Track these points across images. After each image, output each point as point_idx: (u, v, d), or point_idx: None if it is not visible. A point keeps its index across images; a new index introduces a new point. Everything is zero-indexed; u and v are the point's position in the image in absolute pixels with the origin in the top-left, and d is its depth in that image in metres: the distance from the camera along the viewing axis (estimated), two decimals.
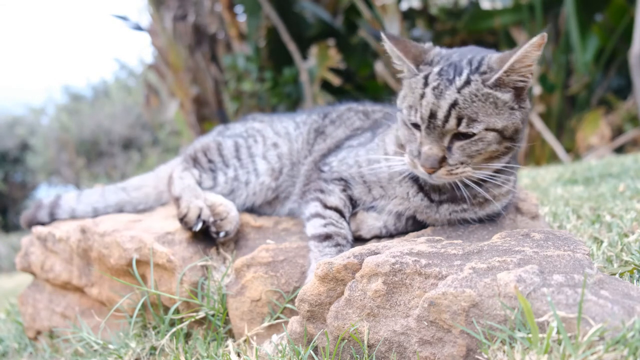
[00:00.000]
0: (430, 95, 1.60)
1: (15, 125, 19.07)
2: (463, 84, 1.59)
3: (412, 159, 1.67)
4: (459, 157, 1.62)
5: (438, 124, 1.59)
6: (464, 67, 1.63)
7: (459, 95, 1.57)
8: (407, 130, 1.71)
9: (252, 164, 2.27)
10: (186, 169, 2.29)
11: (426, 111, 1.60)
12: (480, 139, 1.60)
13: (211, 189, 2.24)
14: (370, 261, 1.42)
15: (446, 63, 1.67)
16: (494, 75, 1.59)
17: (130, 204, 2.47)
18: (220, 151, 2.32)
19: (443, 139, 1.61)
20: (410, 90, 1.68)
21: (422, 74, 1.67)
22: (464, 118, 1.57)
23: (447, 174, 1.63)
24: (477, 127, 1.58)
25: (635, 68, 6.09)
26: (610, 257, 1.83)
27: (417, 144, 1.66)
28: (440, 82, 1.61)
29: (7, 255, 10.80)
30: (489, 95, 1.58)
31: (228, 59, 8.79)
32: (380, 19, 7.54)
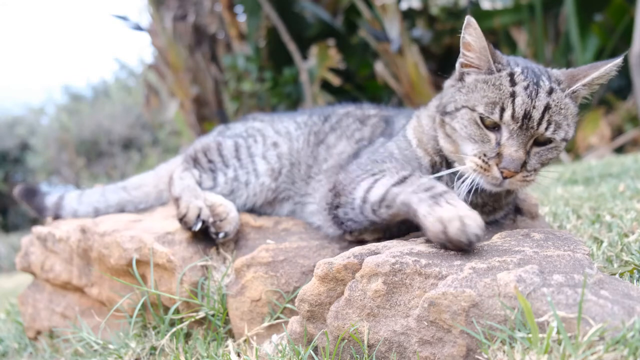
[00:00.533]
0: (524, 95, 1.55)
1: (15, 125, 19.08)
2: (549, 90, 1.58)
3: (486, 160, 1.58)
4: (534, 164, 1.60)
5: (532, 126, 1.55)
6: (540, 74, 1.62)
7: (550, 100, 1.56)
8: (476, 130, 1.61)
9: (251, 164, 2.26)
10: (186, 169, 2.29)
11: (521, 110, 1.54)
12: (556, 146, 1.61)
13: (211, 189, 2.24)
14: (370, 261, 1.42)
15: (522, 66, 1.64)
16: (571, 86, 1.61)
17: (131, 203, 2.48)
18: (220, 151, 2.32)
19: (528, 142, 1.58)
20: (491, 87, 1.60)
21: (504, 71, 1.62)
22: (552, 123, 1.56)
23: (521, 180, 1.59)
24: (560, 134, 1.58)
25: (635, 68, 6.10)
26: (610, 257, 1.83)
27: (492, 146, 1.58)
28: (529, 82, 1.58)
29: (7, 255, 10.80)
30: (567, 105, 1.60)
31: (228, 59, 8.79)
32: (380, 19, 7.54)
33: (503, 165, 1.55)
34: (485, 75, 1.64)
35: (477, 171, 1.60)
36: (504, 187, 1.62)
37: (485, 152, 1.59)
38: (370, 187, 1.69)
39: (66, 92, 21.31)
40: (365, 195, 1.69)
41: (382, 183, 1.66)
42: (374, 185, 1.68)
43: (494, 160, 1.57)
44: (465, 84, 1.68)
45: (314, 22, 8.59)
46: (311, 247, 1.91)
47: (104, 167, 17.23)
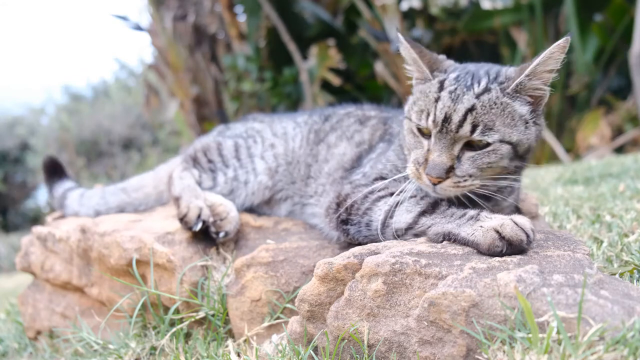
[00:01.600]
0: (447, 98, 1.55)
1: (15, 125, 19.07)
2: (482, 91, 1.55)
3: (417, 167, 1.59)
4: (467, 169, 1.55)
5: (451, 129, 1.52)
6: (482, 76, 1.60)
7: (477, 101, 1.52)
8: (413, 138, 1.65)
9: (251, 164, 2.27)
10: (186, 169, 2.29)
11: (440, 114, 1.54)
12: (494, 150, 1.54)
13: (211, 189, 2.24)
14: (370, 261, 1.42)
15: (463, 71, 1.64)
16: (514, 80, 1.55)
17: (131, 205, 2.48)
18: (220, 151, 2.32)
19: (454, 146, 1.55)
20: (423, 95, 1.63)
21: (437, 79, 1.63)
22: (479, 125, 1.51)
23: (453, 186, 1.55)
24: (493, 136, 1.52)
25: (635, 68, 6.10)
26: (610, 257, 1.83)
27: (423, 152, 1.59)
28: (458, 86, 1.57)
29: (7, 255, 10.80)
30: (507, 105, 1.54)
31: (228, 59, 8.79)
32: (380, 19, 7.54)
33: (427, 171, 1.55)
34: (422, 85, 1.68)
35: (414, 177, 1.62)
36: (440, 194, 1.59)
37: (417, 159, 1.60)
38: (391, 211, 1.66)
39: (66, 92, 21.32)
40: (387, 221, 1.66)
41: (406, 209, 1.64)
42: (395, 210, 1.65)
43: (422, 167, 1.57)
44: (413, 95, 1.72)
45: (314, 22, 8.59)
46: (311, 247, 1.91)
47: (104, 167, 17.23)
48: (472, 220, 1.49)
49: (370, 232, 1.71)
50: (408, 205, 1.64)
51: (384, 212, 1.67)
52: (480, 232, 1.43)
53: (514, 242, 1.39)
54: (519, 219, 1.42)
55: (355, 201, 1.76)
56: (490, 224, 1.43)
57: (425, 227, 1.57)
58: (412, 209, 1.62)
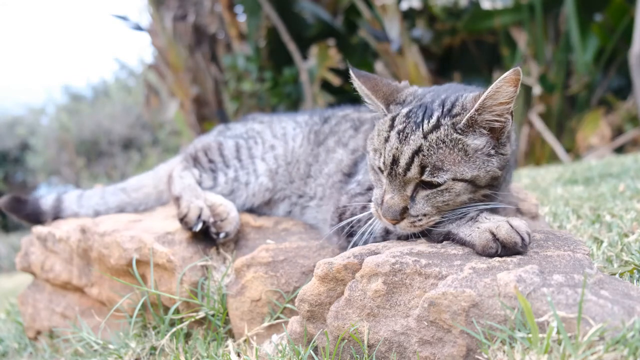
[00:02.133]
0: (395, 140, 1.49)
1: (15, 125, 19.07)
2: (431, 129, 1.47)
3: (377, 208, 1.54)
4: (421, 208, 1.48)
5: (399, 172, 1.47)
6: (434, 110, 1.51)
7: (424, 141, 1.45)
8: (374, 175, 1.60)
9: (252, 165, 2.27)
10: (186, 168, 2.29)
11: (389, 156, 1.48)
12: (447, 189, 1.46)
13: (211, 189, 2.24)
14: (370, 261, 1.42)
15: (417, 104, 1.55)
16: (465, 115, 1.45)
17: (130, 205, 2.47)
18: (221, 151, 2.32)
19: (406, 187, 1.49)
20: (377, 133, 1.57)
21: (390, 115, 1.57)
22: (427, 166, 1.44)
23: (410, 226, 1.50)
24: (443, 176, 1.44)
25: (635, 68, 6.10)
26: (610, 257, 1.83)
27: (381, 191, 1.54)
28: (407, 125, 1.49)
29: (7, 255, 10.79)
30: (458, 141, 1.45)
31: (228, 59, 8.79)
32: (380, 19, 7.54)
33: (382, 212, 1.50)
34: (379, 121, 1.62)
35: (376, 217, 1.57)
36: (402, 232, 1.56)
37: (377, 199, 1.55)
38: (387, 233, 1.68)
39: (66, 92, 21.31)
40: (389, 229, 1.66)
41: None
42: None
43: (380, 207, 1.52)
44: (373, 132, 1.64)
45: (314, 22, 8.59)
46: (311, 247, 1.92)
47: (104, 167, 17.23)
48: (472, 221, 1.49)
49: (375, 239, 1.70)
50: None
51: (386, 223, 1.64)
52: (477, 232, 1.43)
53: (508, 245, 1.38)
54: (516, 222, 1.41)
55: (353, 213, 1.75)
56: (486, 226, 1.42)
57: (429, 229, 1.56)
58: None
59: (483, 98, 1.42)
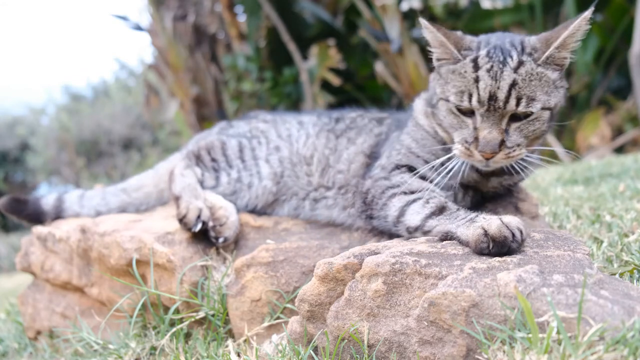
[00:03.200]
0: (487, 77, 1.60)
1: (15, 125, 19.07)
2: (517, 65, 1.60)
3: (467, 146, 1.66)
4: (516, 139, 1.63)
5: (499, 106, 1.59)
6: (510, 49, 1.64)
7: (516, 76, 1.59)
8: (455, 118, 1.70)
9: (255, 167, 2.25)
10: (188, 166, 2.27)
11: (485, 93, 1.59)
12: (537, 118, 1.63)
13: (213, 189, 2.23)
14: (370, 261, 1.42)
15: (490, 46, 1.68)
16: (544, 52, 1.62)
17: (132, 205, 2.46)
18: (224, 151, 2.30)
19: (501, 121, 1.62)
20: (457, 76, 1.67)
21: (468, 58, 1.67)
22: (522, 98, 1.59)
23: (505, 157, 1.64)
24: (536, 105, 1.60)
25: (635, 68, 6.09)
26: (610, 257, 1.83)
27: (470, 131, 1.66)
28: (493, 64, 1.61)
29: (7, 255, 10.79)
30: (542, 74, 1.62)
31: (228, 59, 8.79)
32: (380, 19, 7.54)
33: (480, 148, 1.62)
34: (452, 65, 1.71)
35: (463, 156, 1.69)
36: (492, 166, 1.69)
37: (466, 138, 1.67)
38: (404, 210, 1.75)
39: (66, 92, 21.30)
40: (399, 218, 1.75)
41: (416, 210, 1.72)
42: (407, 209, 1.74)
43: (474, 145, 1.64)
44: (441, 76, 1.76)
45: (314, 22, 8.59)
46: (311, 247, 1.91)
47: (104, 167, 17.23)
48: (470, 221, 1.54)
49: (388, 224, 1.81)
50: (417, 207, 1.72)
51: (397, 209, 1.76)
52: (471, 230, 1.49)
53: (497, 239, 1.42)
54: (507, 218, 1.47)
55: (374, 196, 1.86)
56: (479, 223, 1.48)
57: (432, 228, 1.65)
58: (421, 211, 1.70)
59: (565, 36, 1.61)
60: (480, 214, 1.58)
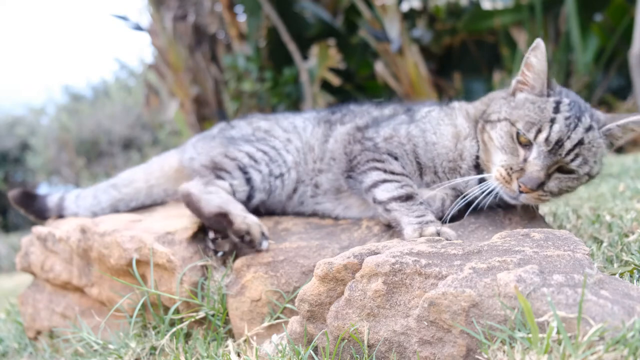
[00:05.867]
0: (563, 124, 1.67)
1: (15, 125, 19.06)
2: (588, 127, 1.70)
3: (510, 173, 1.72)
4: (552, 187, 1.72)
5: (561, 153, 1.67)
6: (584, 111, 1.74)
7: (585, 136, 1.68)
8: (510, 143, 1.75)
9: (280, 157, 2.21)
10: (209, 182, 2.09)
11: (555, 136, 1.66)
12: (578, 178, 1.73)
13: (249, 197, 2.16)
14: (370, 261, 1.42)
15: (571, 99, 1.76)
16: (606, 125, 1.72)
17: (122, 202, 2.43)
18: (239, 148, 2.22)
19: (551, 167, 1.69)
20: (535, 107, 1.73)
21: (552, 98, 1.75)
22: (580, 157, 1.68)
23: (535, 198, 1.72)
24: (585, 169, 1.71)
25: (635, 68, 6.09)
26: (610, 257, 1.83)
27: (519, 160, 1.72)
28: (572, 115, 1.70)
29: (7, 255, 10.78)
30: (599, 145, 1.72)
31: (228, 59, 8.78)
32: (380, 19, 7.54)
33: (522, 180, 1.68)
34: (535, 97, 1.77)
35: (499, 180, 1.75)
36: (520, 201, 1.75)
37: (511, 166, 1.72)
38: (377, 184, 1.91)
39: (66, 92, 21.30)
40: (371, 188, 1.92)
41: (387, 188, 1.88)
42: (380, 185, 1.91)
43: (517, 174, 1.70)
44: (515, 99, 1.81)
45: (314, 22, 8.59)
46: (311, 247, 1.91)
47: (104, 167, 17.21)
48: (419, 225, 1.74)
49: (360, 188, 1.98)
50: (390, 186, 1.88)
51: (372, 180, 1.92)
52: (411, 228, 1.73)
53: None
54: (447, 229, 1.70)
55: (359, 162, 2.00)
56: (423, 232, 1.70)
57: (391, 209, 1.84)
58: (391, 191, 1.87)
59: (629, 120, 1.71)
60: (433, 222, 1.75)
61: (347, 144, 2.11)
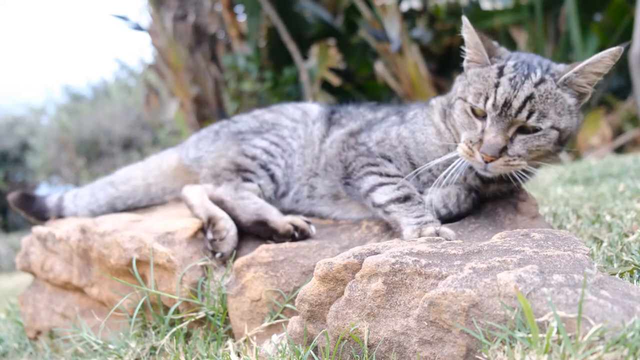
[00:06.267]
0: (507, 85, 1.68)
1: (15, 125, 19.06)
2: (539, 81, 1.68)
3: (470, 146, 1.73)
4: (518, 150, 1.70)
5: (510, 113, 1.66)
6: (536, 67, 1.73)
7: (535, 90, 1.66)
8: (467, 119, 1.77)
9: (289, 146, 2.24)
10: (237, 187, 2.11)
11: (501, 99, 1.67)
12: (544, 134, 1.70)
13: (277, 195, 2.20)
14: (370, 261, 1.42)
15: (519, 60, 1.77)
16: (563, 75, 1.69)
17: (119, 199, 2.42)
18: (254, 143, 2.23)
19: (509, 129, 1.69)
20: (480, 79, 1.75)
21: (495, 64, 1.76)
22: (535, 112, 1.66)
23: (503, 164, 1.70)
24: (546, 123, 1.67)
25: (635, 68, 6.09)
26: (610, 257, 1.83)
27: (477, 132, 1.73)
28: (517, 74, 1.70)
29: (7, 255, 10.78)
30: (558, 96, 1.69)
31: (228, 59, 8.79)
32: (380, 19, 7.54)
33: (482, 149, 1.69)
34: (479, 69, 1.80)
35: (464, 156, 1.76)
36: (491, 172, 1.76)
37: (471, 139, 1.74)
38: (375, 188, 1.93)
39: (66, 92, 21.30)
40: (369, 193, 1.93)
41: (385, 191, 1.90)
42: (378, 188, 1.92)
43: (477, 146, 1.71)
44: (466, 77, 1.84)
45: (314, 22, 8.59)
46: (311, 247, 1.91)
47: (104, 167, 17.21)
48: (418, 226, 1.75)
49: (358, 194, 2.00)
50: (387, 189, 1.90)
51: (370, 185, 1.94)
52: (410, 229, 1.74)
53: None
54: (446, 229, 1.72)
55: (354, 168, 2.02)
56: (422, 233, 1.71)
57: (389, 211, 1.86)
58: (389, 194, 1.88)
59: (585, 64, 1.67)
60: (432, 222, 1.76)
61: (341, 151, 2.11)
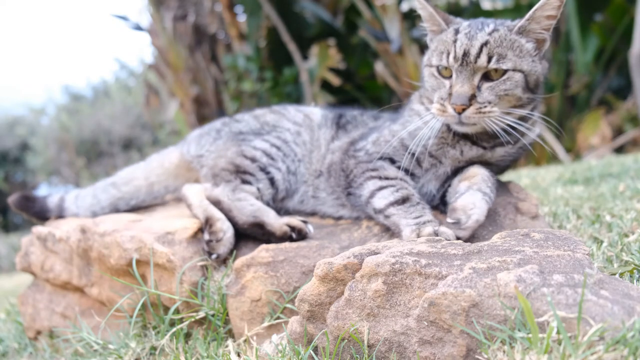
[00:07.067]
0: (463, 38, 1.79)
1: (15, 125, 19.08)
2: (492, 30, 1.79)
3: (442, 102, 1.80)
4: (487, 96, 1.76)
5: (470, 60, 1.75)
6: (489, 23, 1.85)
7: (489, 37, 1.76)
8: (435, 81, 1.86)
9: (292, 151, 2.24)
10: (236, 188, 2.10)
11: (460, 51, 1.77)
12: (508, 78, 1.76)
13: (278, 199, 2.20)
14: (370, 261, 1.42)
15: (473, 21, 1.89)
16: (517, 23, 1.79)
17: (122, 200, 2.42)
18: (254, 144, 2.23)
19: (474, 77, 1.76)
20: (441, 42, 1.86)
21: (452, 27, 1.87)
22: (494, 56, 1.74)
23: (476, 112, 1.75)
24: (507, 64, 1.75)
25: (635, 68, 6.09)
26: (610, 257, 1.83)
27: (446, 89, 1.81)
28: (471, 29, 1.81)
29: (7, 255, 10.79)
30: (514, 40, 1.78)
31: (228, 59, 8.79)
32: (380, 19, 7.54)
33: (452, 101, 1.76)
34: (439, 35, 1.91)
35: (438, 115, 1.83)
36: (465, 122, 1.79)
37: (441, 96, 1.82)
38: (374, 193, 1.93)
39: (66, 92, 21.31)
40: (369, 199, 1.94)
41: (384, 195, 1.90)
42: (377, 193, 1.93)
43: (447, 100, 1.79)
44: (429, 49, 1.95)
45: (314, 22, 8.59)
46: (311, 247, 1.91)
47: (104, 167, 17.21)
48: (417, 226, 1.75)
49: (360, 202, 1.99)
50: (386, 193, 1.91)
51: (369, 191, 1.95)
52: (409, 230, 1.74)
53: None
54: (444, 229, 1.71)
55: (355, 175, 2.04)
56: (421, 232, 1.70)
57: (390, 214, 1.86)
58: (388, 197, 1.89)
59: (534, 9, 1.76)
60: (431, 221, 1.75)
61: (343, 160, 2.13)
